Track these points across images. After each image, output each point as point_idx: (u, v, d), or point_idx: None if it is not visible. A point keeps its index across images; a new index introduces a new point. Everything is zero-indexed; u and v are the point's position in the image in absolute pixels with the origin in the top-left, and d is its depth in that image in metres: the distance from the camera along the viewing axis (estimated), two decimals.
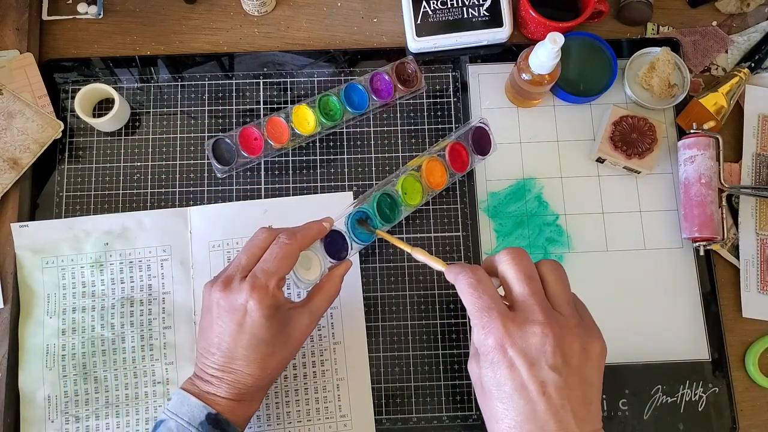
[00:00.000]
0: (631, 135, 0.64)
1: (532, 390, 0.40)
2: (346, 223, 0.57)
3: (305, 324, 0.51)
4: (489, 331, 0.41)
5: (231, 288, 0.48)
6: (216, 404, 0.48)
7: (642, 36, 0.71)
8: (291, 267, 0.50)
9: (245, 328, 0.48)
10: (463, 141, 0.64)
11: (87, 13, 0.70)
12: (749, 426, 0.62)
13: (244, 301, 0.47)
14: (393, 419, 0.61)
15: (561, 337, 0.40)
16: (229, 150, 0.65)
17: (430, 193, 0.62)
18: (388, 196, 0.59)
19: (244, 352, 0.48)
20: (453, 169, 0.63)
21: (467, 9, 0.68)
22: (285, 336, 0.50)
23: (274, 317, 0.48)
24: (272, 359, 0.49)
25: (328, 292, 0.53)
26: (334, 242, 0.56)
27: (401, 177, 0.60)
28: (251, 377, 0.48)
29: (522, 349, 0.40)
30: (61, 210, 0.65)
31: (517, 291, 0.42)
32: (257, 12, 0.71)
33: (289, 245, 0.49)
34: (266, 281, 0.48)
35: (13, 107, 0.64)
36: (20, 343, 0.61)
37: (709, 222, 0.61)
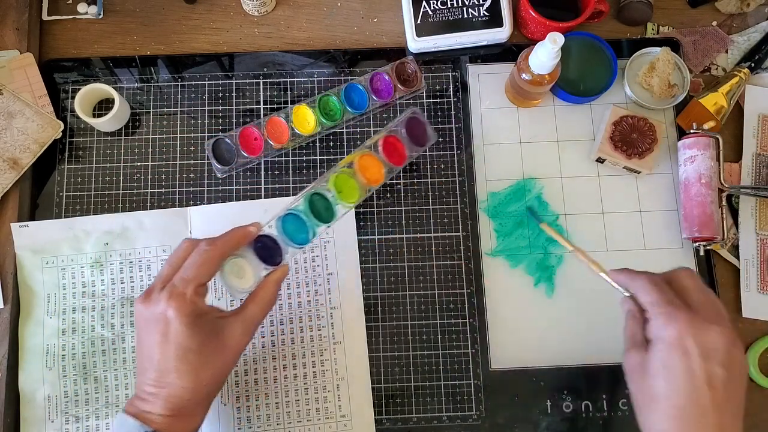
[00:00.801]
0: (631, 135, 0.64)
1: (700, 378, 0.44)
2: (277, 226, 0.54)
3: (239, 333, 0.49)
4: (673, 320, 0.45)
5: (151, 299, 0.48)
6: (152, 422, 0.47)
7: (642, 36, 0.71)
8: (211, 274, 0.49)
9: (169, 338, 0.47)
10: (397, 134, 0.62)
11: (87, 13, 0.70)
12: (749, 426, 0.61)
13: (163, 310, 0.46)
14: (393, 419, 0.61)
15: (732, 344, 0.45)
16: (229, 150, 0.65)
17: (369, 190, 0.60)
18: (320, 195, 0.57)
19: (173, 364, 0.47)
20: (390, 163, 0.61)
21: (467, 9, 0.68)
22: (216, 345, 0.48)
23: (197, 325, 0.47)
24: (205, 370, 0.48)
25: (262, 299, 0.51)
26: (267, 248, 0.53)
27: (332, 175, 0.57)
28: (185, 390, 0.47)
29: (699, 342, 0.44)
30: (61, 210, 0.65)
31: (697, 297, 0.48)
32: (257, 12, 0.71)
33: (208, 251, 0.49)
34: (183, 289, 0.47)
35: (13, 107, 0.64)
36: (20, 343, 0.61)
37: (709, 222, 0.61)
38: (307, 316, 0.62)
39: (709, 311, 0.47)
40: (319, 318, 0.62)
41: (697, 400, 0.43)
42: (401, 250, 0.65)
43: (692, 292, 0.48)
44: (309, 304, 0.63)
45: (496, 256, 0.64)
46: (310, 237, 0.56)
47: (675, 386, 0.44)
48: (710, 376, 0.44)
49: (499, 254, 0.64)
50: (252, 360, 0.62)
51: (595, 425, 0.60)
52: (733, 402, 0.45)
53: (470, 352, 0.62)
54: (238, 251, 0.52)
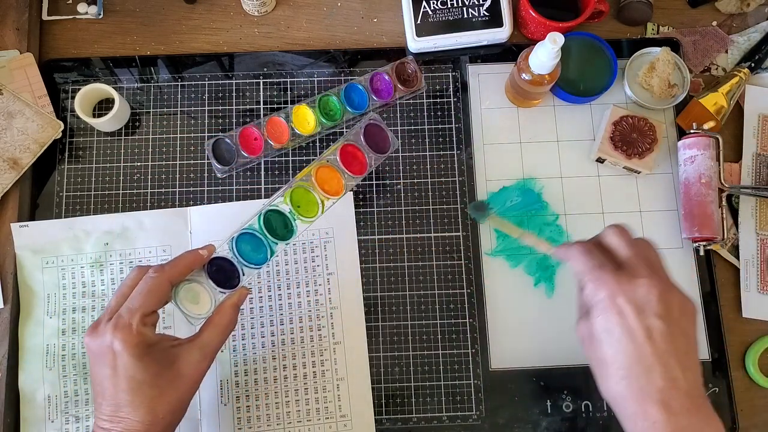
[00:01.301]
0: (631, 135, 0.64)
1: (639, 335, 0.44)
2: (231, 248, 0.52)
3: (196, 360, 0.48)
4: (601, 284, 0.46)
5: (97, 331, 0.46)
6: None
7: (642, 36, 0.71)
8: (160, 301, 0.47)
9: (119, 371, 0.45)
10: (355, 142, 0.60)
11: (87, 13, 0.70)
12: (749, 426, 0.62)
13: (110, 343, 0.45)
14: (393, 419, 0.61)
15: (664, 291, 0.45)
16: (229, 150, 0.65)
17: (328, 202, 0.57)
18: (277, 213, 0.54)
19: (127, 398, 0.45)
20: (350, 173, 0.58)
21: (467, 9, 0.68)
22: (172, 375, 0.46)
23: (148, 356, 0.46)
24: (161, 402, 0.46)
25: (218, 324, 0.49)
26: (223, 270, 0.52)
27: (288, 190, 0.55)
28: (141, 424, 0.45)
29: (630, 299, 0.45)
30: (61, 210, 0.65)
31: (623, 253, 0.48)
32: (257, 12, 0.71)
33: (154, 278, 0.47)
34: (129, 319, 0.45)
35: (13, 107, 0.64)
36: (20, 343, 0.61)
37: (709, 222, 0.61)
38: (307, 316, 0.62)
39: (636, 266, 0.46)
40: (319, 318, 0.62)
41: (641, 357, 0.44)
42: (401, 250, 0.65)
43: (619, 249, 0.48)
44: (309, 304, 0.63)
45: (496, 256, 0.64)
46: (268, 256, 0.53)
47: (618, 348, 0.45)
48: (648, 330, 0.44)
49: (499, 254, 0.64)
50: (252, 360, 0.62)
51: (595, 425, 0.60)
52: (678, 348, 0.44)
53: (470, 352, 0.62)
54: (193, 276, 0.50)
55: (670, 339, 0.44)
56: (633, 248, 0.48)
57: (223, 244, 0.52)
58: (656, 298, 0.44)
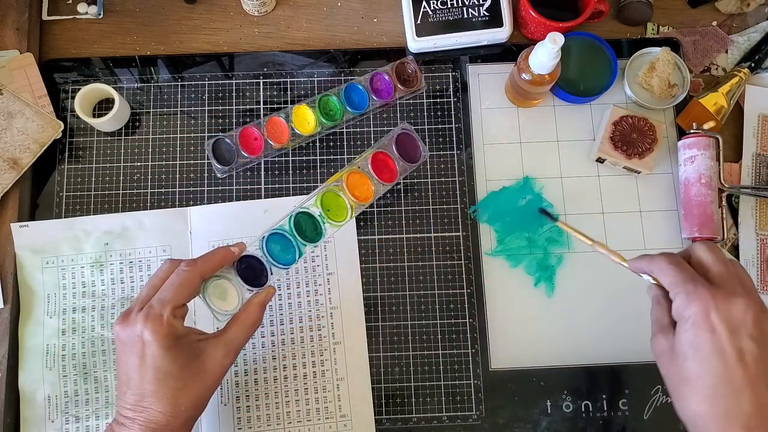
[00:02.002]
0: (631, 135, 0.64)
1: (730, 355, 0.42)
2: (261, 247, 0.53)
3: (220, 356, 0.48)
4: (695, 298, 0.43)
5: (128, 320, 0.47)
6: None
7: (642, 36, 0.71)
8: (190, 295, 0.48)
9: (146, 360, 0.46)
10: (387, 150, 0.61)
11: (87, 13, 0.70)
12: None
13: (140, 332, 0.46)
14: (393, 419, 0.61)
15: (760, 312, 0.43)
16: (229, 150, 0.65)
17: (357, 208, 0.59)
18: (307, 215, 0.56)
19: (151, 388, 0.46)
20: (380, 180, 0.60)
21: (467, 9, 0.68)
22: (196, 369, 0.47)
23: (176, 348, 0.46)
24: (184, 394, 0.46)
25: (244, 322, 0.50)
26: (251, 269, 0.52)
27: (319, 194, 0.57)
28: (163, 415, 0.46)
29: (725, 317, 0.42)
30: (61, 210, 0.65)
31: (717, 270, 0.46)
32: (257, 12, 0.71)
33: (187, 272, 0.48)
34: (161, 310, 0.46)
35: (13, 107, 0.64)
36: (20, 343, 0.61)
37: (709, 222, 0.61)
38: (307, 316, 0.62)
39: (731, 283, 0.45)
40: (319, 318, 0.62)
41: (730, 378, 0.42)
42: (401, 250, 0.65)
43: (711, 265, 0.46)
44: (309, 304, 0.63)
45: (496, 256, 0.64)
46: (297, 257, 0.54)
47: (705, 366, 0.42)
48: (741, 352, 0.42)
49: (499, 254, 0.64)
50: (252, 360, 0.62)
51: (595, 425, 0.60)
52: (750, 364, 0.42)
53: (470, 352, 0.62)
54: (222, 272, 0.51)
55: (762, 364, 0.42)
56: (727, 266, 0.46)
57: (253, 243, 0.53)
58: (752, 319, 0.43)
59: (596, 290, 0.63)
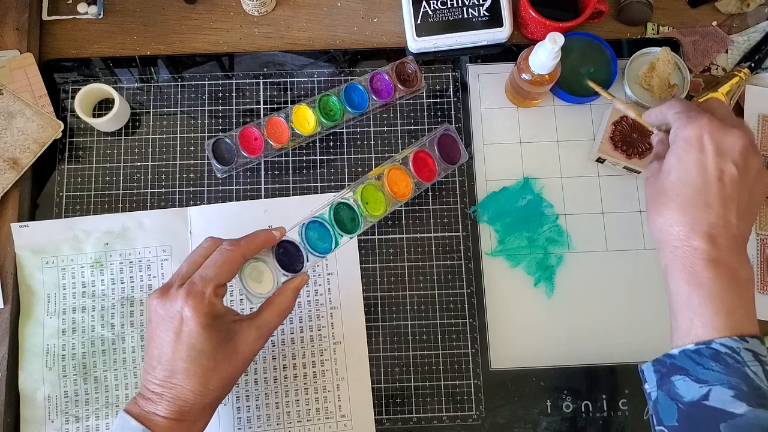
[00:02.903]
0: (631, 135, 0.64)
1: (711, 172, 0.45)
2: (301, 233, 0.54)
3: (252, 338, 0.48)
4: (693, 121, 0.46)
5: (168, 295, 0.46)
6: (155, 424, 0.45)
7: (642, 36, 0.71)
8: (232, 275, 0.48)
9: (182, 337, 0.45)
10: (428, 149, 0.62)
11: (87, 13, 0.70)
12: None
13: (180, 308, 0.45)
14: (393, 419, 0.61)
15: (749, 148, 0.46)
16: (229, 150, 0.65)
17: (394, 204, 0.59)
18: (346, 206, 0.56)
19: (183, 365, 0.46)
20: (419, 179, 0.61)
21: (467, 9, 0.68)
22: (229, 350, 0.47)
23: (213, 327, 0.46)
24: (214, 374, 0.47)
25: (279, 306, 0.50)
26: (288, 254, 0.53)
27: (360, 186, 0.57)
28: (192, 393, 0.46)
29: (716, 140, 0.45)
30: (61, 210, 0.65)
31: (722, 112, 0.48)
32: (257, 12, 0.71)
33: (231, 251, 0.48)
34: (203, 288, 0.46)
35: (13, 107, 0.64)
36: (20, 343, 0.61)
37: None
38: (307, 316, 0.62)
39: (730, 120, 0.47)
40: (319, 318, 0.62)
41: (705, 192, 0.45)
42: (401, 250, 0.65)
43: (717, 107, 0.49)
44: (309, 304, 0.63)
45: (496, 256, 0.64)
46: (333, 247, 0.55)
47: (686, 177, 0.45)
48: (721, 171, 0.45)
49: (499, 254, 0.64)
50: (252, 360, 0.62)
51: (595, 425, 0.60)
52: (742, 199, 0.45)
53: (470, 352, 0.62)
54: (260, 254, 0.51)
55: (738, 188, 0.45)
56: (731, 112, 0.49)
57: (292, 229, 0.53)
58: (740, 149, 0.45)
59: (596, 290, 0.63)
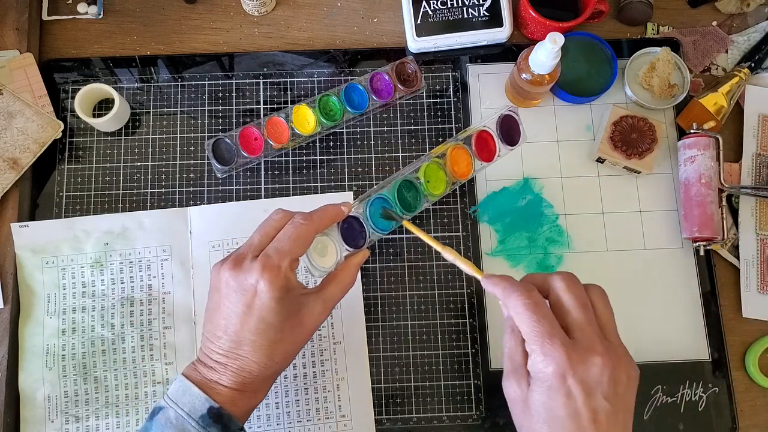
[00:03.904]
0: (631, 135, 0.64)
1: (584, 417, 0.41)
2: (365, 209, 0.54)
3: (318, 312, 0.48)
4: (551, 359, 0.42)
5: (242, 267, 0.45)
6: (217, 393, 0.45)
7: (642, 36, 0.71)
8: (305, 249, 0.48)
9: (254, 310, 0.45)
10: (491, 130, 0.61)
11: (87, 13, 0.70)
12: (749, 426, 0.62)
13: (255, 281, 0.45)
14: (393, 419, 0.61)
15: (615, 368, 0.43)
16: (229, 150, 0.65)
17: (454, 183, 0.59)
18: (410, 183, 0.56)
19: (251, 337, 0.45)
20: (480, 159, 0.60)
21: (467, 9, 0.68)
22: (295, 322, 0.47)
23: (285, 300, 0.45)
24: (280, 347, 0.46)
25: (343, 280, 0.50)
26: (351, 229, 0.53)
27: (424, 164, 0.57)
28: (257, 365, 0.46)
29: (582, 379, 0.42)
30: (61, 210, 0.65)
31: (575, 318, 0.44)
32: (257, 12, 0.71)
33: (305, 225, 0.47)
34: (279, 261, 0.45)
35: (13, 107, 0.64)
36: (20, 343, 0.61)
37: (709, 222, 0.61)
38: None
39: (589, 335, 0.43)
40: None
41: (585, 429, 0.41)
42: (401, 250, 0.65)
43: (571, 309, 0.44)
44: None
45: (496, 256, 0.64)
46: (394, 224, 0.55)
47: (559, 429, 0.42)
48: (594, 412, 0.41)
49: (499, 254, 0.64)
50: None
51: None
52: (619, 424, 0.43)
53: (470, 352, 0.62)
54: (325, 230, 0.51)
55: (614, 419, 0.42)
56: (585, 312, 0.44)
57: (358, 205, 0.53)
58: (607, 378, 0.42)
59: None
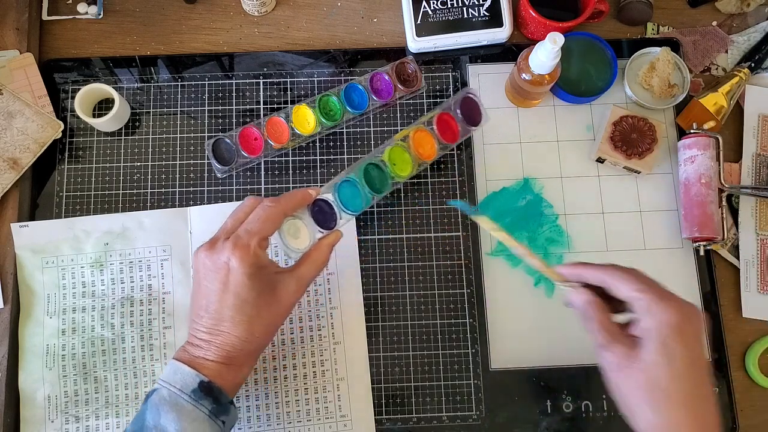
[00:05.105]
0: (631, 135, 0.64)
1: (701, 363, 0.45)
2: (334, 192, 0.57)
3: (292, 289, 0.51)
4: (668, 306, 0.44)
5: (215, 248, 0.49)
6: (204, 368, 0.48)
7: (642, 36, 0.71)
8: (274, 229, 0.51)
9: (229, 287, 0.48)
10: (451, 112, 0.64)
11: (87, 13, 0.70)
12: (749, 426, 0.62)
13: (227, 259, 0.48)
14: (393, 419, 0.61)
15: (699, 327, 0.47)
16: (229, 150, 0.65)
17: (420, 165, 0.62)
18: (376, 166, 0.59)
19: (230, 313, 0.48)
20: (443, 140, 0.63)
21: (467, 9, 0.68)
22: (271, 299, 0.50)
23: (257, 277, 0.49)
24: (258, 321, 0.49)
25: (316, 259, 0.53)
26: (322, 212, 0.56)
27: (388, 147, 0.60)
28: (238, 339, 0.49)
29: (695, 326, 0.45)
30: (61, 210, 0.65)
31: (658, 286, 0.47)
32: (257, 12, 0.71)
33: (272, 207, 0.51)
34: (248, 240, 0.49)
35: (13, 107, 0.64)
36: (20, 343, 0.61)
37: (709, 222, 0.61)
38: (307, 316, 0.62)
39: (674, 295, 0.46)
40: (319, 318, 0.62)
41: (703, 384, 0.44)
42: (401, 250, 0.65)
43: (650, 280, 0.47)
44: (309, 305, 0.63)
45: (496, 256, 0.64)
46: (363, 205, 0.58)
47: (683, 373, 0.43)
48: (701, 354, 0.45)
49: (499, 254, 0.64)
50: None
51: (595, 425, 0.60)
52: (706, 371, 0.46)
53: (470, 352, 0.62)
54: (296, 213, 0.54)
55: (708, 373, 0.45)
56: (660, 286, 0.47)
57: (326, 188, 0.57)
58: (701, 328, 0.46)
59: None
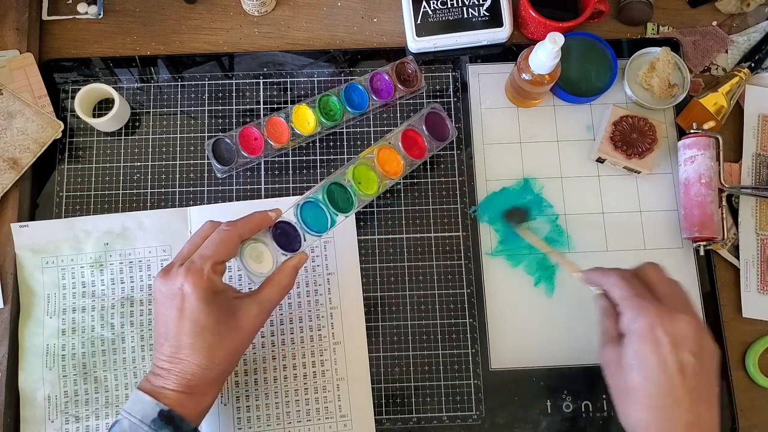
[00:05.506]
0: (631, 135, 0.64)
1: (672, 367, 0.45)
2: (296, 214, 0.56)
3: (254, 314, 0.50)
4: (642, 312, 0.47)
5: (170, 274, 0.49)
6: (165, 397, 0.47)
7: (642, 36, 0.71)
8: (229, 253, 0.50)
9: (185, 313, 0.47)
10: (417, 128, 0.63)
11: (87, 13, 0.70)
12: (749, 426, 0.62)
13: (180, 285, 0.47)
14: (393, 419, 0.61)
15: (700, 332, 0.47)
16: (229, 150, 0.65)
17: (387, 182, 0.61)
18: (339, 185, 0.58)
19: (188, 340, 0.48)
20: (410, 157, 0.62)
21: (467, 9, 0.68)
22: (232, 325, 0.49)
23: (213, 302, 0.48)
24: (219, 348, 0.48)
25: (279, 283, 0.52)
26: (285, 234, 0.55)
27: (351, 167, 0.59)
28: (198, 367, 0.48)
29: (669, 331, 0.46)
30: (61, 210, 0.65)
31: (662, 290, 0.49)
32: (257, 12, 0.71)
33: (227, 231, 0.50)
34: (201, 265, 0.48)
35: (13, 107, 0.64)
36: (20, 343, 0.61)
37: (709, 222, 0.61)
38: (307, 316, 0.62)
39: (676, 302, 0.49)
40: (319, 318, 0.62)
41: (671, 389, 0.45)
42: (401, 250, 0.65)
43: (658, 284, 0.50)
44: (309, 304, 0.63)
45: (496, 256, 0.64)
46: (329, 226, 0.57)
47: (649, 376, 0.46)
48: (682, 364, 0.45)
49: (499, 254, 0.64)
50: (252, 360, 0.62)
51: (595, 425, 0.60)
52: (705, 388, 0.46)
53: (470, 352, 0.62)
54: (258, 236, 0.53)
55: (700, 378, 0.46)
56: (671, 285, 0.50)
57: (288, 210, 0.55)
58: (693, 336, 0.46)
59: None
